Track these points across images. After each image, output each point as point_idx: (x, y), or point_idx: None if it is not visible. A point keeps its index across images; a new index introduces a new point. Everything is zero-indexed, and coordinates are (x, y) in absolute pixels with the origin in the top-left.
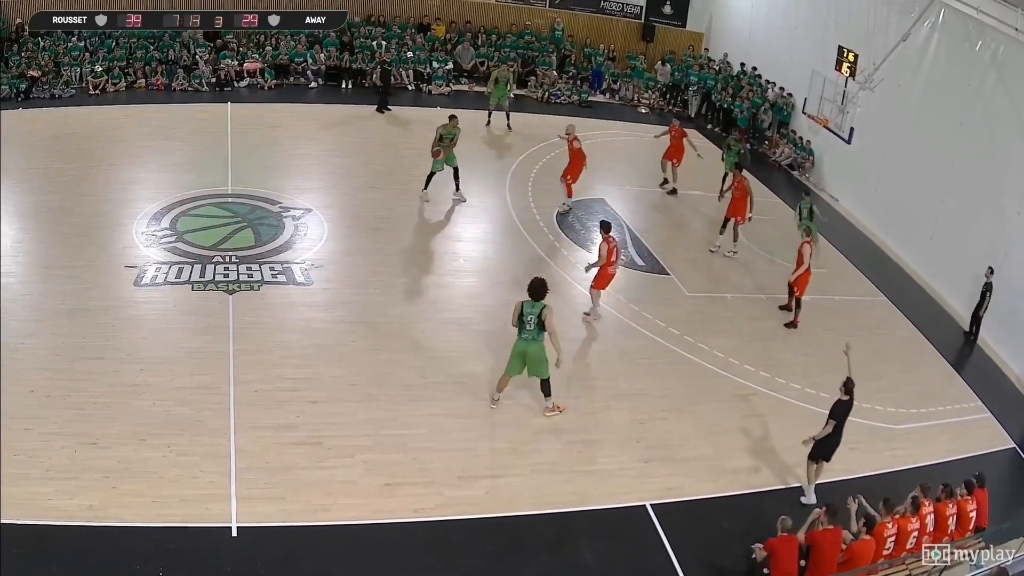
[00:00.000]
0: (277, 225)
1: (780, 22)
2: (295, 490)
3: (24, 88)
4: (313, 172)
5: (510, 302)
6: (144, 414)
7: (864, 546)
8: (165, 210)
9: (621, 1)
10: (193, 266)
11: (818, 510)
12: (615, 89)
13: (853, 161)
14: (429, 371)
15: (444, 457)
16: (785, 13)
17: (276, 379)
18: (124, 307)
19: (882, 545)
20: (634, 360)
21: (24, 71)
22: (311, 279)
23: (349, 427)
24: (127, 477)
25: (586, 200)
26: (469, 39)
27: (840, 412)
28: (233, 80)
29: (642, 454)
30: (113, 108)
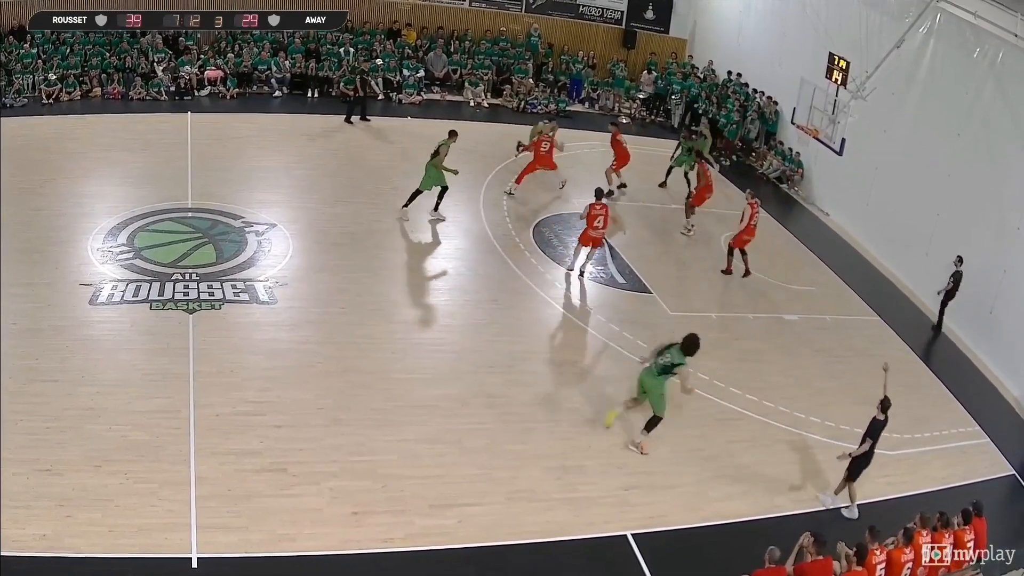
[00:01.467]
0: (240, 241)
1: (768, 28)
2: (258, 519)
3: None
4: (277, 185)
5: (484, 322)
6: (100, 439)
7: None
8: (122, 225)
9: (601, 6)
10: (151, 284)
11: (806, 537)
12: (594, 98)
13: (844, 174)
14: (399, 394)
15: (415, 484)
16: (773, 19)
17: (238, 402)
18: (79, 327)
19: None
20: (614, 382)
21: None
22: (275, 298)
23: (315, 453)
24: (82, 505)
25: (564, 215)
26: (441, 45)
27: (876, 431)
28: (193, 89)
29: (623, 481)
30: (68, 118)
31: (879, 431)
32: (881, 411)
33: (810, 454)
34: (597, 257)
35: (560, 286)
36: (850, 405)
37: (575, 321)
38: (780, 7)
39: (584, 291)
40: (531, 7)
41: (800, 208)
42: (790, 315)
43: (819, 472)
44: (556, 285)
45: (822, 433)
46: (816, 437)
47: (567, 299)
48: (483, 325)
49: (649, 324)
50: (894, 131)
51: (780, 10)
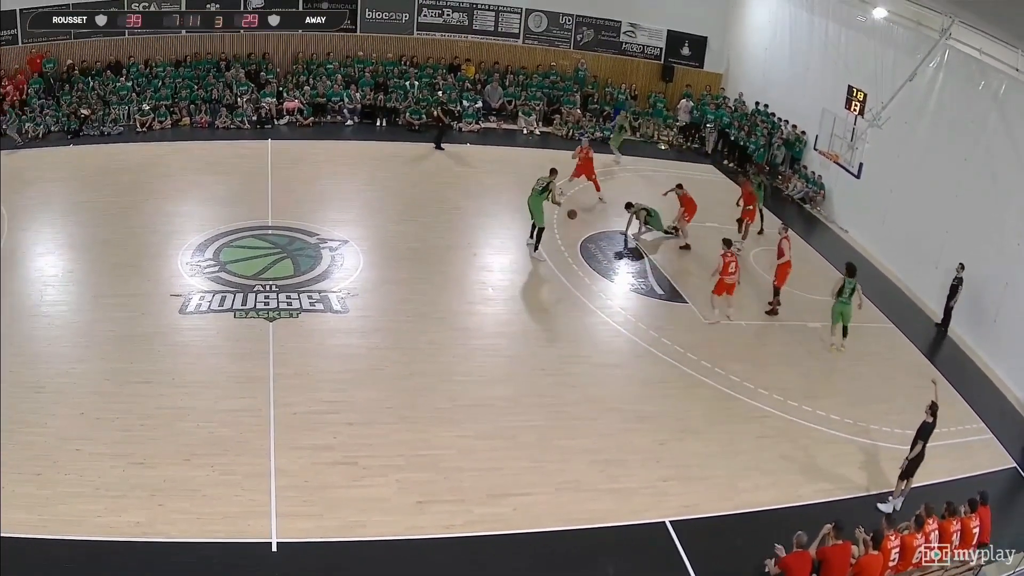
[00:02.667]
0: (315, 256)
1: (793, 63)
2: (332, 507)
3: (75, 127)
4: (349, 205)
5: (537, 330)
6: (189, 435)
7: (872, 560)
8: (209, 241)
9: (642, 43)
10: (235, 295)
11: (828, 526)
12: (636, 127)
13: (862, 195)
14: (459, 395)
15: (473, 476)
16: (798, 55)
17: (314, 402)
18: (170, 334)
19: (887, 558)
20: (654, 384)
21: (75, 110)
22: (347, 307)
23: (383, 448)
24: (173, 495)
25: (607, 232)
26: (497, 79)
27: (925, 433)
28: (273, 118)
29: (661, 473)
30: (159, 145)
31: (929, 432)
32: (930, 414)
33: (832, 448)
34: (637, 270)
35: (604, 296)
36: (868, 404)
37: (618, 328)
38: (804, 45)
39: (629, 303)
40: (579, 44)
41: (822, 226)
42: (813, 323)
43: (839, 464)
44: (600, 296)
45: (843, 430)
46: (837, 433)
47: (611, 308)
48: (535, 332)
49: (685, 331)
50: (907, 156)
51: (804, 47)
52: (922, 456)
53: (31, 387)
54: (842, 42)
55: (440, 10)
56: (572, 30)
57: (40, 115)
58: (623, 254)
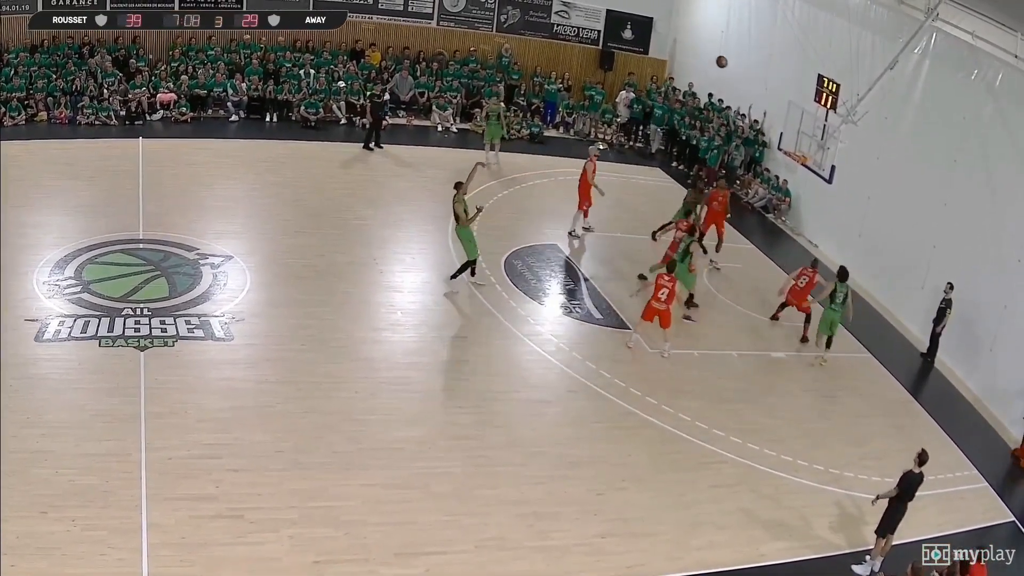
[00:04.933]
0: (194, 274)
1: (754, 49)
2: (214, 568)
3: None
4: (234, 215)
5: (453, 359)
6: (46, 484)
7: None
8: (69, 257)
9: (576, 26)
10: (101, 319)
11: None
12: (570, 123)
13: (835, 203)
14: (363, 436)
15: (380, 532)
16: (760, 39)
17: (193, 445)
18: (24, 365)
19: None
20: (590, 424)
21: None
22: (232, 334)
23: (274, 498)
24: (27, 554)
25: (537, 246)
26: (407, 67)
27: (909, 486)
28: (145, 113)
29: (599, 528)
30: (11, 144)
31: (915, 486)
32: (919, 464)
33: (799, 499)
34: (572, 291)
35: (532, 321)
36: (841, 447)
37: (549, 359)
38: (766, 27)
39: (562, 328)
40: (503, 26)
41: (787, 239)
42: (777, 352)
43: (808, 518)
44: (528, 320)
45: (812, 477)
46: (805, 482)
47: (541, 336)
48: (452, 363)
49: (627, 361)
50: (887, 157)
51: (766, 30)
52: (903, 511)
53: None
54: (812, 24)
55: None
56: (495, 10)
57: None
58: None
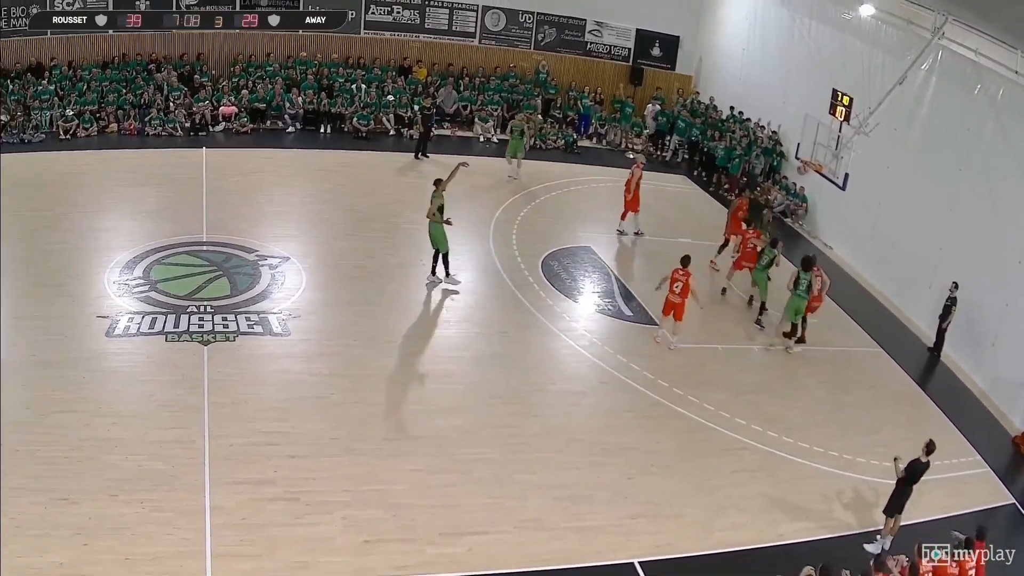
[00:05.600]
0: (253, 274)
1: (773, 65)
2: (272, 547)
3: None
4: (291, 219)
5: (493, 354)
6: (117, 469)
7: None
8: (138, 258)
9: (609, 43)
10: (167, 316)
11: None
12: (602, 134)
13: (848, 208)
14: (410, 425)
15: (426, 513)
16: (778, 56)
17: (252, 433)
18: (96, 359)
19: None
20: (622, 414)
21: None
22: (288, 330)
23: (328, 482)
24: (99, 534)
25: (571, 248)
26: (452, 82)
27: (915, 472)
28: (208, 124)
29: (630, 510)
30: (84, 153)
31: (920, 473)
32: (925, 454)
33: (815, 484)
34: (604, 290)
35: (568, 318)
36: (854, 435)
37: (583, 353)
38: (785, 45)
39: (595, 324)
40: (540, 44)
41: (804, 242)
42: (794, 347)
43: (823, 500)
44: (565, 317)
45: (827, 463)
46: (821, 467)
47: (575, 331)
48: (492, 357)
49: (654, 355)
50: (897, 166)
51: (785, 47)
52: (908, 495)
53: None
54: (826, 42)
55: (389, 7)
56: (533, 29)
57: None
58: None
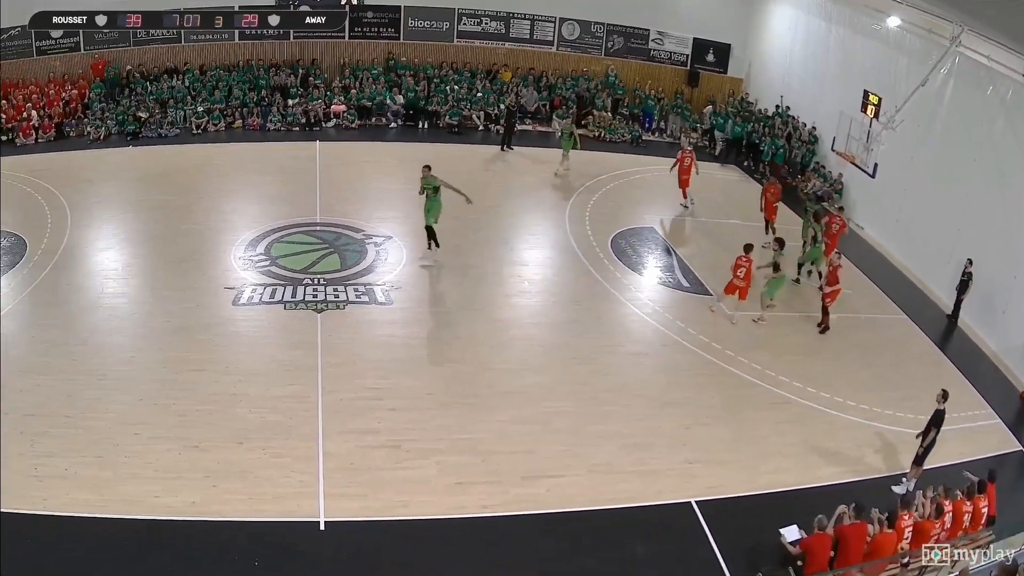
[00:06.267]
0: (361, 251)
1: (811, 69)
2: (377, 488)
3: (134, 129)
4: (393, 203)
5: (569, 320)
6: (242, 420)
7: (886, 538)
8: (260, 237)
9: (669, 50)
10: (285, 287)
11: (843, 507)
12: (663, 128)
13: (877, 193)
14: (496, 382)
15: (510, 459)
16: (816, 61)
17: (359, 389)
18: (224, 324)
19: (901, 536)
20: (680, 372)
21: (134, 113)
22: (391, 299)
23: (425, 432)
24: (226, 477)
25: (637, 228)
26: (532, 83)
27: (938, 419)
28: (321, 121)
29: (687, 456)
30: (214, 146)
31: (941, 419)
32: (941, 401)
33: (848, 433)
34: (665, 265)
35: (633, 289)
36: (882, 391)
37: (647, 319)
38: (822, 51)
39: (657, 295)
40: (609, 51)
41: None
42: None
43: (855, 448)
44: (630, 288)
45: (859, 415)
46: (853, 418)
47: (640, 300)
48: (568, 323)
49: (709, 322)
50: (920, 157)
51: (822, 53)
52: (934, 443)
53: (93, 375)
54: (858, 49)
55: (479, 19)
56: (603, 38)
57: (101, 118)
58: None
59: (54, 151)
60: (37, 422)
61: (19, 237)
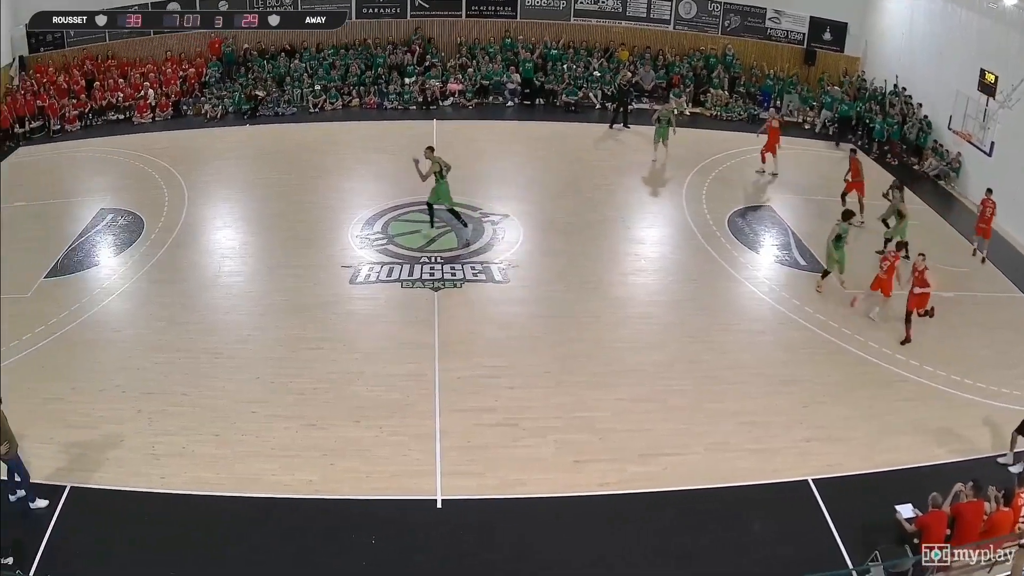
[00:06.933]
0: (478, 229)
1: (928, 47)
2: (493, 466)
3: (251, 107)
4: (509, 182)
5: (686, 298)
6: (359, 398)
7: (1003, 516)
8: (377, 216)
9: (786, 29)
10: (402, 266)
11: (959, 484)
12: (778, 107)
13: (994, 172)
14: (613, 360)
15: (627, 437)
16: (932, 39)
17: (476, 367)
18: (341, 302)
19: (1018, 514)
20: (797, 350)
21: (251, 91)
22: (508, 277)
23: (542, 410)
24: (343, 455)
25: (754, 207)
26: (649, 62)
27: None
28: (438, 99)
29: (804, 434)
30: (331, 124)
31: None
32: None
33: (965, 411)
34: (782, 243)
35: (750, 267)
36: (999, 369)
37: (763, 297)
38: (939, 29)
39: (773, 273)
40: (726, 30)
41: (956, 202)
42: (947, 292)
43: (972, 426)
44: (747, 267)
45: (976, 393)
46: (970, 397)
47: (757, 279)
48: (685, 300)
49: (826, 300)
50: None
51: (939, 32)
52: None
53: (210, 353)
54: (974, 27)
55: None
56: (720, 16)
57: (218, 96)
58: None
59: (171, 130)
60: (155, 400)
61: (136, 215)
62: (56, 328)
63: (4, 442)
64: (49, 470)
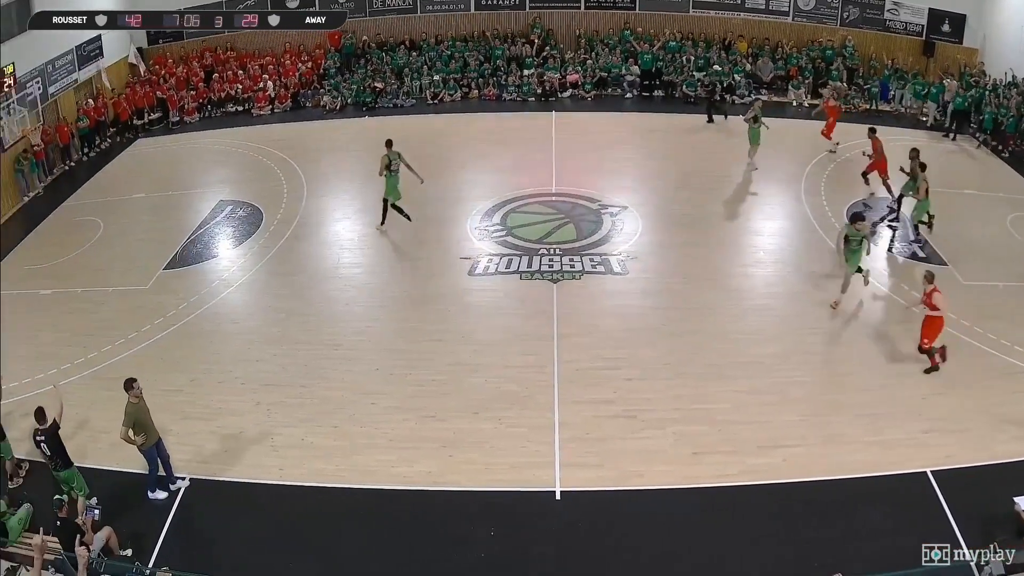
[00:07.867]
0: (596, 221)
1: None
2: (612, 458)
3: (370, 99)
4: (628, 173)
5: (805, 290)
6: (477, 390)
7: None
8: (496, 207)
9: (905, 20)
10: (521, 257)
11: None
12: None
13: None
14: (732, 352)
15: (746, 429)
16: None
17: (595, 359)
18: (459, 294)
19: None
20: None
21: (370, 83)
22: (627, 269)
23: (660, 402)
24: (462, 447)
25: (873, 199)
26: (768, 53)
27: None
28: (556, 91)
29: (923, 425)
30: (450, 116)
31: None
32: None
33: None
34: (900, 235)
35: (870, 260)
36: None
37: (883, 289)
38: None
39: (892, 264)
40: (845, 21)
41: None
42: None
43: None
44: (866, 259)
45: None
46: None
47: (875, 270)
48: (802, 292)
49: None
50: None
51: None
52: None
53: (329, 345)
54: None
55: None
56: (839, 8)
57: (337, 89)
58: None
59: (289, 122)
60: (273, 392)
61: (255, 207)
62: (175, 320)
63: (141, 433)
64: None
